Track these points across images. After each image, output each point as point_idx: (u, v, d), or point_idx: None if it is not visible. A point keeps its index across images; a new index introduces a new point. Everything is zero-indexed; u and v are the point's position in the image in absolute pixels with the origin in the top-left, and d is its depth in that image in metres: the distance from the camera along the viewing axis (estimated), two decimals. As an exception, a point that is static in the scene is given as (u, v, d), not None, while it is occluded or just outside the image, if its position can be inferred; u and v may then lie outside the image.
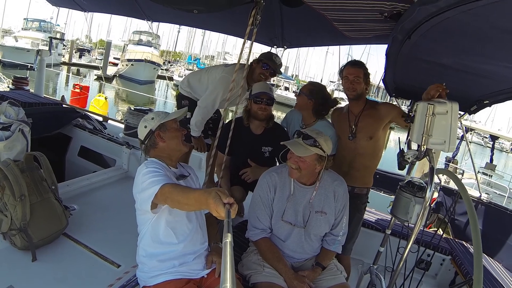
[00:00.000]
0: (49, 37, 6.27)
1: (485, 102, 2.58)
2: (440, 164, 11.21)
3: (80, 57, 39.74)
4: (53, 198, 2.41)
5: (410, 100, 3.15)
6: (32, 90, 5.81)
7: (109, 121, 5.96)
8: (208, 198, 1.37)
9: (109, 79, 27.71)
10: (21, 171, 2.29)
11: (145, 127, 2.01)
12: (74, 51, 38.33)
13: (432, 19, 1.49)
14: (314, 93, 2.80)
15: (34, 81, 5.49)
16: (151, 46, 34.03)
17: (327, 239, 2.34)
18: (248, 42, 2.66)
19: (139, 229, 1.97)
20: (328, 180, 2.31)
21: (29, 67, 5.97)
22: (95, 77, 25.47)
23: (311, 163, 2.15)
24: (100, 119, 5.71)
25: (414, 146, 2.05)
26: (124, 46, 37.09)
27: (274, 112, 3.01)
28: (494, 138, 12.27)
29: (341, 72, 2.70)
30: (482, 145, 28.70)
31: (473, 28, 1.52)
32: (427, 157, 1.87)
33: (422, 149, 1.84)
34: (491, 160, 12.75)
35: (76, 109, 5.19)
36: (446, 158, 11.81)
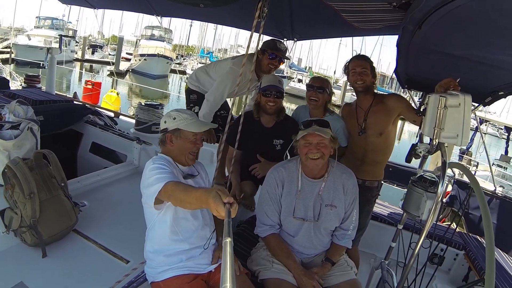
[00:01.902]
0: (59, 35, 6.31)
1: (500, 94, 2.51)
2: (454, 156, 11.01)
3: (92, 53, 39.96)
4: (62, 195, 2.42)
5: (422, 92, 3.09)
6: (43, 88, 5.87)
7: (121, 117, 5.99)
8: (208, 198, 1.37)
9: (122, 74, 27.87)
10: (30, 169, 2.30)
11: (165, 122, 2.01)
12: (86, 47, 38.54)
13: (442, 8, 1.45)
14: (331, 88, 2.84)
15: (45, 78, 5.54)
16: (163, 41, 33.96)
17: (337, 234, 2.31)
18: (256, 35, 2.62)
19: (147, 223, 1.98)
20: (337, 172, 2.28)
21: (41, 65, 6.04)
22: (108, 72, 25.59)
23: (329, 146, 2.13)
24: (112, 115, 5.74)
25: (426, 140, 2.00)
26: (136, 41, 37.06)
27: (287, 105, 2.99)
28: (509, 129, 11.98)
29: (347, 67, 2.69)
30: (498, 137, 28.06)
31: (485, 17, 1.47)
32: (440, 151, 1.83)
33: (434, 143, 1.79)
34: (506, 152, 12.44)
35: (87, 106, 5.23)
36: (460, 150, 11.57)
